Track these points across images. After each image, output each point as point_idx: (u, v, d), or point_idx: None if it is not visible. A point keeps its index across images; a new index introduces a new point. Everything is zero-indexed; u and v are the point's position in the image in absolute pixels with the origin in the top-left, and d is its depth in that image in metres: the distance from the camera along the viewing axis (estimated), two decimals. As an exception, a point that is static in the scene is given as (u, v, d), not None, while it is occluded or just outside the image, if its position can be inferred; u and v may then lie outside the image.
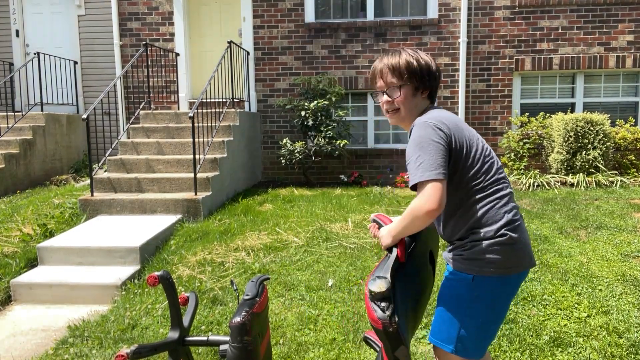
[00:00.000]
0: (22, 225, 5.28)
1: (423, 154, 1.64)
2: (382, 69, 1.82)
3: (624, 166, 7.24)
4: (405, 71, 1.78)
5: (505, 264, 1.71)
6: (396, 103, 1.81)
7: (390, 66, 1.80)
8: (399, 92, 1.80)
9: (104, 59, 8.55)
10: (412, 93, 1.80)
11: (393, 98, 1.81)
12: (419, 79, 1.79)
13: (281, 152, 7.29)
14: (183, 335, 2.46)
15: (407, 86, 1.79)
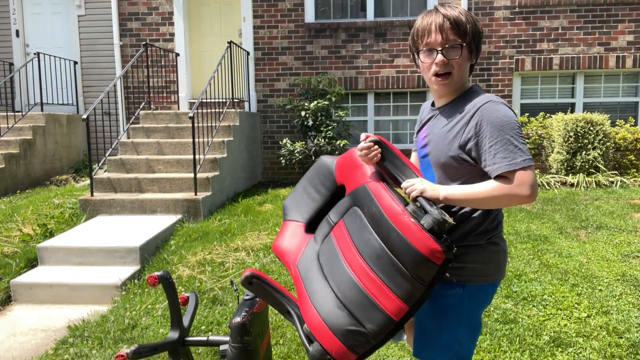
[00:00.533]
0: (22, 225, 5.28)
1: (518, 137, 1.46)
2: (441, 22, 1.50)
3: (624, 166, 7.24)
4: (470, 30, 1.52)
5: (497, 270, 1.63)
6: (453, 64, 1.53)
7: (454, 20, 1.50)
8: (459, 51, 1.52)
9: (104, 59, 8.55)
10: (468, 57, 1.56)
11: (450, 58, 1.52)
12: (476, 42, 1.56)
13: (281, 152, 7.29)
14: (183, 336, 2.46)
15: (466, 47, 1.53)
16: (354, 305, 1.42)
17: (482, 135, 1.47)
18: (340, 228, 1.59)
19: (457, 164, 1.53)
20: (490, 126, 1.46)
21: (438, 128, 1.60)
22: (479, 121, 1.48)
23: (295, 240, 1.76)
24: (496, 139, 1.45)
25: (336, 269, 1.51)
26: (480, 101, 1.50)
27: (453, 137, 1.53)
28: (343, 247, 1.54)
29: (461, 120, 1.53)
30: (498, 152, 1.45)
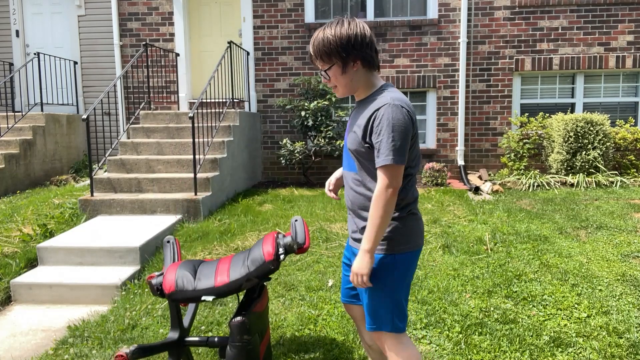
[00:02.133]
0: (22, 225, 5.28)
1: (397, 137, 1.74)
2: (312, 55, 1.89)
3: (624, 166, 7.24)
4: (324, 53, 1.82)
5: (419, 237, 1.92)
6: (333, 80, 1.88)
7: (314, 52, 1.86)
8: (329, 73, 1.87)
9: (104, 59, 8.55)
10: (341, 70, 1.84)
11: (327, 79, 1.89)
12: (340, 56, 1.81)
13: (281, 153, 7.29)
14: (183, 336, 2.46)
15: (333, 66, 1.84)
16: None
17: (376, 130, 1.78)
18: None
19: (362, 147, 1.83)
20: (382, 125, 1.76)
21: (354, 118, 1.93)
22: (376, 117, 1.78)
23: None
24: (382, 136, 1.76)
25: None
26: (380, 103, 1.79)
27: (358, 126, 1.84)
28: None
29: (367, 113, 1.82)
30: (382, 147, 1.75)
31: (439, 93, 7.92)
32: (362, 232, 1.89)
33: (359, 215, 1.91)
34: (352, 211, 1.95)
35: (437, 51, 7.85)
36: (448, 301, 3.32)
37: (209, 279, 2.20)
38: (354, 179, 1.92)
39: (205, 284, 2.19)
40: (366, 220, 1.86)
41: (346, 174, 1.98)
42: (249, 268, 2.23)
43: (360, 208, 1.90)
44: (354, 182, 1.92)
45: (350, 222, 1.98)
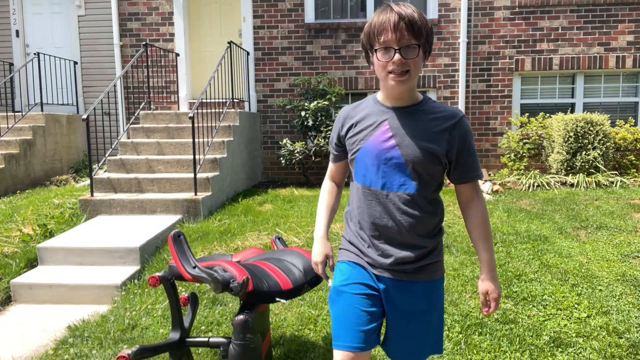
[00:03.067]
0: (22, 225, 5.27)
1: (474, 148, 1.68)
2: (396, 21, 1.48)
3: (624, 166, 7.24)
4: (424, 29, 1.52)
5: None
6: (410, 63, 1.52)
7: (408, 19, 1.49)
8: (417, 52, 1.52)
9: (104, 59, 8.55)
10: (423, 57, 1.57)
11: (408, 58, 1.51)
12: (430, 42, 1.58)
13: (281, 153, 7.29)
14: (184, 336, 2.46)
15: (421, 47, 1.54)
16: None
17: (462, 144, 1.62)
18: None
19: (436, 163, 1.61)
20: (468, 139, 1.63)
21: (410, 127, 1.60)
22: (462, 129, 1.62)
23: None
24: (470, 151, 1.65)
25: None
26: (457, 114, 1.63)
27: (433, 135, 1.59)
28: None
29: (440, 122, 1.61)
30: (472, 161, 1.65)
31: (438, 93, 7.92)
32: (419, 259, 1.66)
33: (413, 242, 1.65)
34: (403, 236, 1.64)
35: (437, 51, 7.85)
36: (448, 301, 3.32)
37: (273, 280, 2.18)
38: (410, 200, 1.62)
39: (273, 286, 2.15)
40: (424, 247, 1.66)
41: (390, 196, 1.63)
42: (306, 276, 2.28)
43: (419, 233, 1.64)
44: (413, 204, 1.62)
45: (389, 248, 1.66)
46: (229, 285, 1.98)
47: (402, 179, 1.61)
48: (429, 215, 1.65)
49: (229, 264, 2.11)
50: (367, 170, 1.66)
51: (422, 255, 1.66)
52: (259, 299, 2.09)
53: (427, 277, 1.69)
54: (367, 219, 1.68)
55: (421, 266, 1.67)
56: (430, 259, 1.68)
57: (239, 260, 2.52)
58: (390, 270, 1.67)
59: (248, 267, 2.18)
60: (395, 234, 1.64)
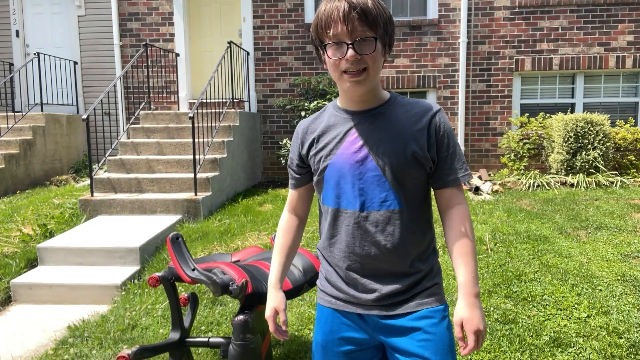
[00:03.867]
0: (22, 225, 5.27)
1: (459, 147, 1.40)
2: (345, 10, 1.25)
3: (624, 166, 7.24)
4: (380, 18, 1.29)
5: None
6: (366, 59, 1.29)
7: (360, 7, 1.25)
8: (373, 45, 1.28)
9: (104, 59, 8.55)
10: (382, 51, 1.33)
11: (363, 53, 1.28)
12: (389, 33, 1.33)
13: (281, 153, 7.29)
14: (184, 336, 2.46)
15: (379, 40, 1.30)
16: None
17: (442, 142, 1.36)
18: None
19: (418, 168, 1.36)
20: (448, 134, 1.38)
21: (382, 131, 1.36)
22: (438, 124, 1.36)
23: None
24: (452, 148, 1.38)
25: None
26: (432, 106, 1.39)
27: (412, 138, 1.35)
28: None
29: (414, 120, 1.37)
30: (455, 161, 1.37)
31: (438, 93, 7.92)
32: (410, 287, 1.38)
33: (402, 270, 1.38)
34: (390, 263, 1.37)
35: (437, 51, 7.85)
36: (448, 301, 3.32)
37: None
38: (398, 218, 1.35)
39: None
40: (416, 273, 1.38)
41: (371, 216, 1.35)
42: (306, 276, 2.26)
43: (410, 257, 1.38)
44: (399, 221, 1.35)
45: (373, 281, 1.38)
46: (228, 288, 1.98)
47: (382, 194, 1.34)
48: (419, 233, 1.39)
49: (227, 266, 2.11)
50: (339, 190, 1.38)
51: (413, 283, 1.38)
52: (258, 300, 2.08)
53: (423, 304, 1.38)
54: (344, 249, 1.39)
55: (417, 293, 1.39)
56: (424, 284, 1.39)
57: (239, 260, 2.51)
58: (376, 307, 1.38)
59: (247, 269, 2.18)
60: (380, 264, 1.37)
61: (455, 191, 1.38)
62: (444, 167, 1.37)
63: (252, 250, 2.68)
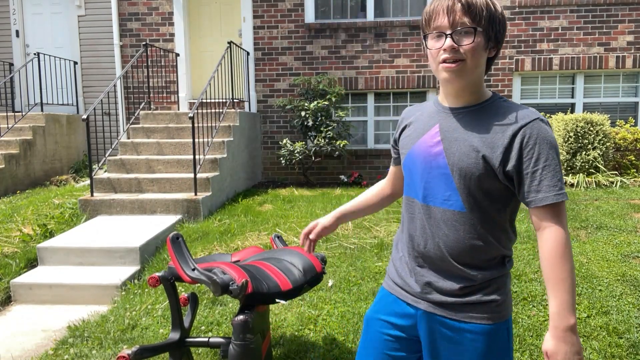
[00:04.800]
0: (22, 225, 5.27)
1: (560, 167, 1.27)
2: (450, 3, 1.29)
3: (624, 166, 7.25)
4: (486, 13, 1.30)
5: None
6: (464, 51, 1.29)
7: (465, 1, 1.28)
8: (472, 37, 1.29)
9: (104, 59, 8.55)
10: (484, 46, 1.32)
11: (462, 44, 1.29)
12: (495, 30, 1.34)
13: (281, 153, 7.29)
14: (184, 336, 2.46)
15: (482, 33, 1.30)
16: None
17: (528, 156, 1.26)
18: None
19: (491, 176, 1.30)
20: (540, 147, 1.26)
21: (463, 130, 1.34)
22: (529, 136, 1.27)
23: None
24: (545, 163, 1.26)
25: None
26: (528, 116, 1.29)
27: (489, 141, 1.29)
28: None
29: (502, 127, 1.30)
30: (545, 178, 1.25)
31: (438, 93, 7.91)
32: (469, 291, 1.35)
33: (456, 272, 1.35)
34: (443, 261, 1.37)
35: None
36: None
37: (272, 281, 2.17)
38: (458, 220, 1.33)
39: (273, 287, 2.14)
40: (470, 280, 1.34)
41: (433, 211, 1.37)
42: (306, 276, 2.27)
43: (465, 262, 1.34)
44: (458, 224, 1.33)
45: (430, 279, 1.39)
46: (229, 288, 1.98)
47: (447, 192, 1.34)
48: (482, 242, 1.33)
49: (227, 266, 2.11)
50: (411, 179, 1.43)
51: (470, 289, 1.34)
52: (258, 300, 2.08)
53: (477, 318, 1.33)
54: (407, 236, 1.45)
55: (469, 303, 1.34)
56: (481, 296, 1.34)
57: (239, 260, 2.51)
58: (427, 301, 1.39)
59: (247, 269, 2.18)
60: (434, 258, 1.38)
61: (544, 212, 1.26)
62: (531, 184, 1.26)
63: (252, 250, 2.68)
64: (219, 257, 2.52)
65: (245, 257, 2.56)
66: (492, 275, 1.34)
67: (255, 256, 2.54)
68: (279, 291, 2.13)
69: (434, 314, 1.38)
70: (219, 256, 2.56)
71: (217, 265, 2.13)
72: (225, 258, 2.52)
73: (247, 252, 2.65)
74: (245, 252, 2.64)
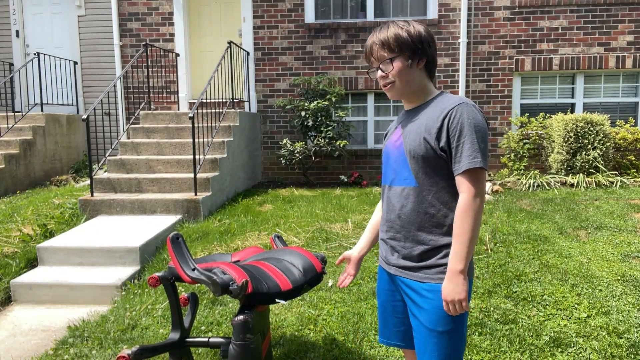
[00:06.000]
0: (22, 225, 5.27)
1: (480, 139, 1.58)
2: (371, 45, 1.73)
3: (624, 166, 7.24)
4: (395, 43, 1.69)
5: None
6: (390, 76, 1.71)
7: (379, 41, 1.71)
8: (391, 65, 1.70)
9: (104, 59, 8.55)
10: (406, 65, 1.69)
11: (386, 72, 1.71)
12: (411, 49, 1.69)
13: (281, 153, 7.29)
14: (184, 336, 2.46)
15: (399, 58, 1.69)
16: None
17: (452, 133, 1.60)
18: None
19: (433, 154, 1.63)
20: (460, 125, 1.60)
21: (413, 123, 1.72)
22: (453, 117, 1.61)
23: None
24: (463, 139, 1.59)
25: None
26: (455, 101, 1.63)
27: (427, 127, 1.65)
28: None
29: (436, 115, 1.65)
30: (464, 150, 1.58)
31: (439, 93, 7.91)
32: (420, 258, 1.68)
33: (416, 238, 1.69)
34: (402, 234, 1.72)
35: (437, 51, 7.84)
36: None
37: (272, 281, 2.16)
38: (411, 193, 1.68)
39: (273, 287, 2.14)
40: (425, 244, 1.67)
41: (395, 190, 1.73)
42: (306, 276, 2.28)
43: (418, 228, 1.68)
44: (412, 197, 1.68)
45: (397, 247, 1.74)
46: (229, 288, 1.98)
47: (406, 172, 1.70)
48: (435, 210, 1.66)
49: (227, 266, 2.11)
50: (385, 169, 1.82)
51: (426, 252, 1.67)
52: (258, 300, 2.08)
53: (432, 278, 1.66)
54: (383, 216, 1.81)
55: (427, 266, 1.67)
56: (439, 259, 1.66)
57: (239, 260, 2.51)
58: (396, 266, 1.75)
59: (247, 269, 2.18)
60: (400, 229, 1.72)
61: (462, 179, 1.59)
62: (455, 156, 1.60)
63: (252, 250, 2.68)
64: (219, 257, 2.52)
65: (245, 257, 2.56)
66: (446, 240, 1.66)
67: (255, 256, 2.54)
68: (279, 291, 2.13)
69: (405, 278, 1.72)
70: (219, 256, 2.56)
71: (217, 265, 2.13)
72: (225, 258, 2.52)
73: (247, 252, 2.65)
74: (245, 252, 2.64)
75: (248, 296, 2.03)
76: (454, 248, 1.58)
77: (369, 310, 3.27)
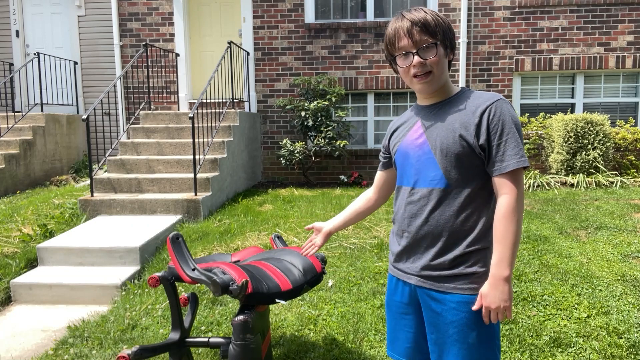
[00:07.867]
0: (22, 225, 5.27)
1: (521, 138, 1.48)
2: (408, 26, 1.51)
3: (624, 166, 7.24)
4: (438, 28, 1.52)
5: None
6: (430, 64, 1.52)
7: (420, 22, 1.50)
8: (435, 51, 1.51)
9: (104, 60, 8.55)
10: (444, 53, 1.55)
11: (426, 59, 1.51)
12: (448, 38, 1.55)
13: (281, 153, 7.29)
14: (184, 336, 2.46)
15: (440, 45, 1.52)
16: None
17: (494, 130, 1.47)
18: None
19: (469, 152, 1.49)
20: (503, 123, 1.48)
21: (440, 119, 1.55)
22: (493, 114, 1.48)
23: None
24: (507, 137, 1.47)
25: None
26: (492, 97, 1.51)
27: (463, 123, 1.50)
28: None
29: (471, 110, 1.51)
30: (508, 148, 1.46)
31: (439, 93, 7.92)
32: (450, 266, 1.53)
33: (444, 244, 1.54)
34: (429, 240, 1.56)
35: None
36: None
37: (272, 281, 2.16)
38: (441, 195, 1.53)
39: (273, 288, 2.13)
40: (455, 251, 1.52)
41: (419, 192, 1.57)
42: (306, 276, 2.27)
43: (451, 233, 1.52)
44: (441, 199, 1.53)
45: (422, 255, 1.59)
46: (229, 288, 1.98)
47: (432, 173, 1.54)
48: (467, 214, 1.52)
49: (227, 266, 2.11)
50: (402, 170, 1.64)
51: (456, 261, 1.53)
52: (258, 300, 2.08)
53: (461, 289, 1.52)
54: (400, 220, 1.63)
55: (455, 275, 1.52)
56: (468, 267, 1.52)
57: (239, 260, 2.51)
58: (418, 276, 1.59)
59: (247, 269, 2.18)
60: (426, 235, 1.56)
61: (504, 179, 1.47)
62: (497, 154, 1.47)
63: (252, 250, 2.68)
64: (219, 257, 2.52)
65: (245, 257, 2.56)
66: (477, 247, 1.52)
67: (255, 256, 2.54)
68: (279, 291, 2.13)
69: (425, 289, 1.58)
70: (219, 256, 2.56)
71: (217, 265, 2.13)
72: (225, 258, 2.52)
73: (247, 252, 2.65)
74: (245, 252, 2.64)
75: (248, 296, 2.03)
76: (498, 253, 1.45)
77: (369, 310, 3.27)
